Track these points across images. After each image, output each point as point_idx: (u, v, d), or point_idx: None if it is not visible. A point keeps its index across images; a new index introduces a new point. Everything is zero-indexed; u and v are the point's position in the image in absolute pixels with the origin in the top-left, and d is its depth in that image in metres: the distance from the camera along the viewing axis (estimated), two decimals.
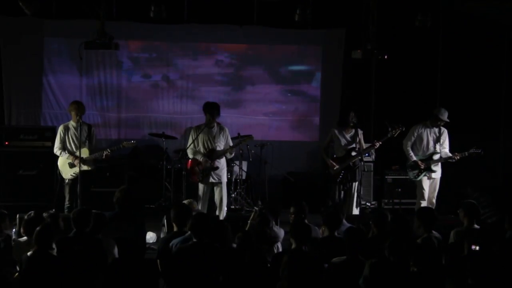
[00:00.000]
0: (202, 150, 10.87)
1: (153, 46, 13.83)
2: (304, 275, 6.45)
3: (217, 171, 10.87)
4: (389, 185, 12.94)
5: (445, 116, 11.23)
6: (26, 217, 7.70)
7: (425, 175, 11.27)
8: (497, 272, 6.54)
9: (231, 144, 11.01)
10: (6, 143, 11.89)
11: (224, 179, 11.05)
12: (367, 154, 11.68)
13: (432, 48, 13.82)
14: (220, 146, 10.89)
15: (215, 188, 10.95)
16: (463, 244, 7.28)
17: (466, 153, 11.17)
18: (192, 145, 10.86)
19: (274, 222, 8.11)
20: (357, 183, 11.33)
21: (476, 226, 8.08)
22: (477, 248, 7.02)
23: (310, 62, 14.26)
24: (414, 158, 11.30)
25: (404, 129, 11.28)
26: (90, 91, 13.50)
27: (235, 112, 13.93)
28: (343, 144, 11.37)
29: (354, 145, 11.31)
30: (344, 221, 8.27)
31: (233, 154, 11.28)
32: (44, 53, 13.34)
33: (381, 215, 8.03)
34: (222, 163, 11.00)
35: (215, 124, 10.91)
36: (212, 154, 10.81)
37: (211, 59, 13.98)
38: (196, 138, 10.83)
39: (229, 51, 14.08)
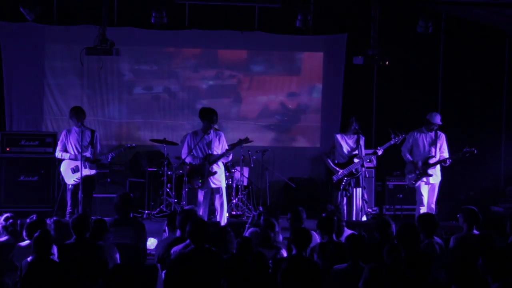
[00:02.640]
0: (200, 155, 10.87)
1: (154, 57, 13.83)
2: (304, 281, 6.42)
3: (216, 176, 10.86)
4: (390, 191, 12.94)
5: (436, 119, 11.26)
6: (28, 220, 7.70)
7: (422, 181, 11.27)
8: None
9: (227, 147, 10.99)
10: (7, 149, 11.89)
11: (224, 184, 11.05)
12: (368, 160, 11.67)
13: (434, 53, 13.83)
14: (217, 150, 10.88)
15: (215, 193, 10.94)
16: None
17: (460, 153, 11.19)
18: (190, 152, 10.86)
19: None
20: (360, 189, 11.34)
21: (475, 231, 8.08)
22: None
23: (312, 67, 14.26)
24: (411, 159, 11.33)
25: (406, 136, 11.33)
26: (91, 96, 13.50)
27: (236, 121, 13.93)
28: (345, 150, 11.38)
29: (356, 151, 11.32)
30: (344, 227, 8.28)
31: (230, 158, 11.22)
32: (45, 59, 13.34)
33: (384, 222, 8.01)
34: (220, 168, 10.99)
35: (211, 130, 10.90)
36: (209, 159, 10.80)
37: (212, 70, 13.97)
38: (195, 146, 10.81)
39: (230, 61, 14.06)
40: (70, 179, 10.76)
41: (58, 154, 10.86)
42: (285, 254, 7.72)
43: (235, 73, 14.09)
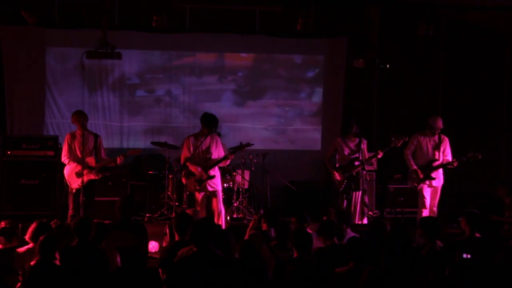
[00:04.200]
0: (197, 160, 10.85)
1: (155, 60, 13.82)
2: (306, 284, 6.44)
3: (213, 179, 10.84)
4: (392, 194, 12.93)
5: (438, 124, 11.26)
6: (34, 224, 7.67)
7: (425, 183, 11.27)
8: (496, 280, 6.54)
9: (222, 151, 10.96)
10: (8, 152, 11.85)
11: (220, 187, 11.03)
12: (369, 163, 11.69)
13: (434, 57, 13.84)
14: (214, 154, 10.86)
15: (212, 197, 10.91)
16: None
17: (464, 157, 11.20)
18: (190, 155, 10.84)
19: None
20: (361, 192, 11.35)
21: (477, 235, 8.07)
22: (469, 256, 7.00)
23: (312, 71, 14.28)
24: (415, 167, 11.33)
25: (407, 139, 11.31)
26: (92, 100, 13.50)
27: (237, 124, 13.94)
28: (346, 154, 11.40)
29: (357, 155, 11.32)
30: (348, 230, 8.29)
31: (228, 161, 11.22)
32: (46, 62, 13.34)
33: (380, 224, 8.03)
34: (216, 171, 10.98)
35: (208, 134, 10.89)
36: (207, 163, 10.79)
37: (213, 73, 13.98)
38: (194, 150, 10.79)
39: (231, 64, 14.06)
40: (75, 183, 10.73)
41: (65, 160, 10.82)
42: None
43: (236, 76, 14.09)
